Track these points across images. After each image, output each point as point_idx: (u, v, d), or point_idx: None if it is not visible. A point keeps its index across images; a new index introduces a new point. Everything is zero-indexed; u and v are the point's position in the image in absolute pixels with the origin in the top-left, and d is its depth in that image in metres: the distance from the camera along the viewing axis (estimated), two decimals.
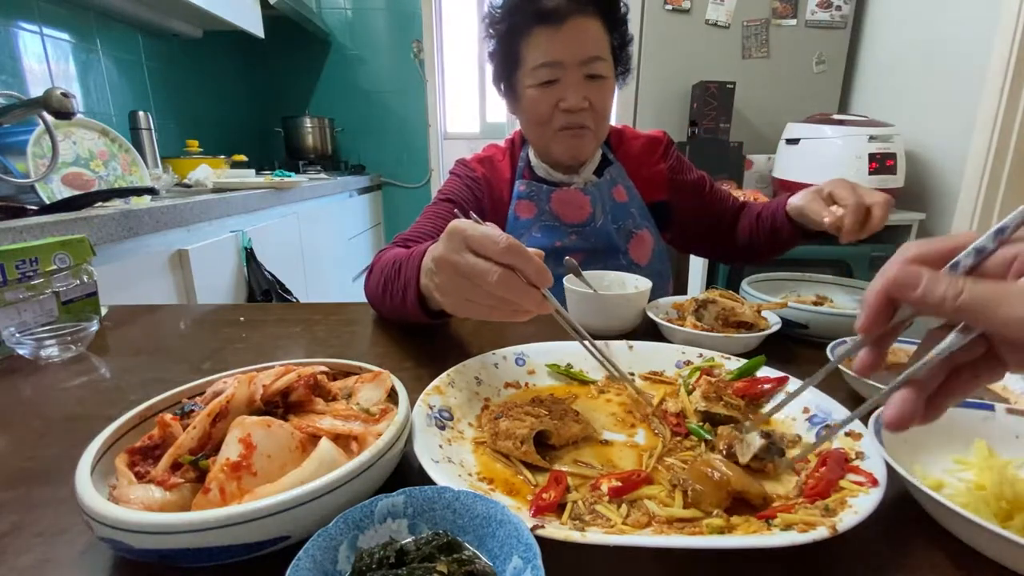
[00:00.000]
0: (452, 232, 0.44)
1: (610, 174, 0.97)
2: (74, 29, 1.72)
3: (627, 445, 0.44)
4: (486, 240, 0.42)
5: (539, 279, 0.42)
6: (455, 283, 0.45)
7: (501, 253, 0.41)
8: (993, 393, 0.51)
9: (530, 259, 0.42)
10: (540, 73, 0.84)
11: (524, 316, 0.45)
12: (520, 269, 0.42)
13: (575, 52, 0.82)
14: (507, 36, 0.86)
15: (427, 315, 0.60)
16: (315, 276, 2.14)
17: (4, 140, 1.18)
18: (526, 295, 0.42)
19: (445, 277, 0.45)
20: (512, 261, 0.42)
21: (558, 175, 0.96)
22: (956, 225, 1.77)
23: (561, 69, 0.83)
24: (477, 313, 0.45)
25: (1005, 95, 1.59)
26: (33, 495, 0.38)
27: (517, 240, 0.42)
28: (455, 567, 0.27)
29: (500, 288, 0.41)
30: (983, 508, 0.34)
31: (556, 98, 0.85)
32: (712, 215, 1.03)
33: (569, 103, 0.84)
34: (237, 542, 0.28)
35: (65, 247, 0.68)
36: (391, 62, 3.06)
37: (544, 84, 0.84)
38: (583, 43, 0.82)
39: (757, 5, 2.09)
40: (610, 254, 0.95)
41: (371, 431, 0.37)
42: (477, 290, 0.43)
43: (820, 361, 0.54)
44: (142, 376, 0.58)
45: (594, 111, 0.86)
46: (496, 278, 0.41)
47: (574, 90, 0.83)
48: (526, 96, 0.87)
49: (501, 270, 0.41)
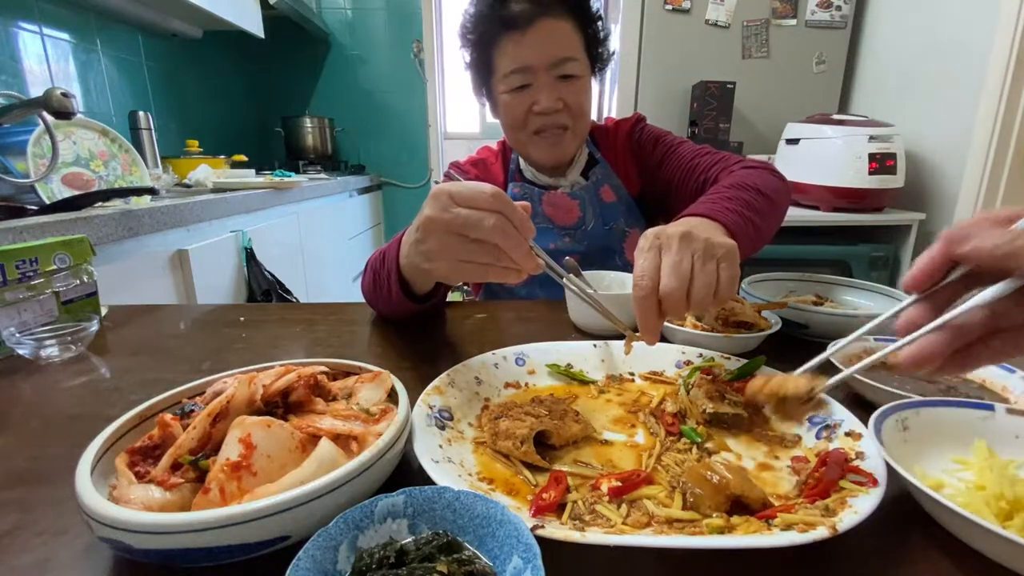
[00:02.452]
0: (436, 193, 0.44)
1: (596, 175, 0.96)
2: (74, 29, 1.72)
3: (627, 445, 0.44)
4: (473, 191, 0.42)
5: (524, 228, 0.43)
6: (447, 243, 0.44)
7: (490, 200, 0.42)
8: (993, 393, 0.51)
9: (515, 208, 0.43)
10: (512, 79, 0.84)
11: (516, 276, 0.45)
12: (508, 217, 0.42)
13: (543, 55, 0.82)
14: (479, 45, 0.87)
15: (411, 299, 0.60)
16: (315, 276, 2.14)
17: (4, 140, 1.18)
18: (516, 243, 0.43)
19: (435, 240, 0.45)
20: (500, 207, 0.42)
21: (544, 178, 0.95)
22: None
23: (531, 73, 0.83)
24: (472, 273, 0.45)
25: (1005, 95, 1.59)
26: (33, 495, 0.38)
27: (500, 189, 0.43)
28: (455, 567, 0.27)
29: (496, 234, 0.42)
30: (983, 508, 0.34)
31: (529, 102, 0.85)
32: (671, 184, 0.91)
33: (542, 106, 0.84)
34: (237, 542, 0.28)
35: (65, 247, 0.68)
36: (391, 62, 3.06)
37: (516, 89, 0.84)
38: (550, 46, 0.82)
39: (757, 5, 2.09)
40: (605, 255, 0.95)
41: (371, 431, 0.37)
42: (470, 246, 0.43)
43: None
44: (142, 376, 0.58)
45: (570, 110, 0.86)
46: (492, 222, 0.41)
47: (547, 93, 0.83)
48: (501, 102, 0.88)
49: (495, 216, 0.42)
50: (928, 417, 0.41)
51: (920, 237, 1.87)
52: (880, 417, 0.39)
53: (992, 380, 0.52)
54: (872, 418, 0.39)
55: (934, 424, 0.41)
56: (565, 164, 0.95)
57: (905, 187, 1.80)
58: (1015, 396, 0.49)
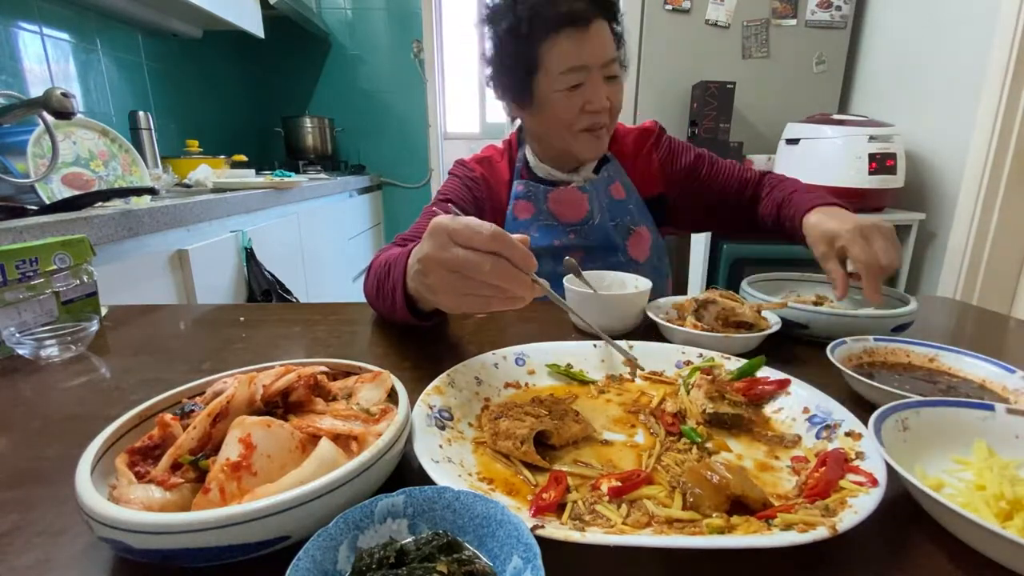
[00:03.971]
0: (435, 230, 0.44)
1: (608, 171, 0.97)
2: (74, 29, 1.72)
3: (627, 445, 0.44)
4: (471, 231, 0.42)
5: (525, 264, 0.43)
6: (447, 281, 0.45)
7: (487, 242, 0.42)
8: (993, 393, 0.51)
9: (515, 245, 0.43)
10: (568, 77, 0.83)
11: (520, 304, 0.45)
12: (507, 256, 0.42)
13: (599, 55, 0.83)
14: (524, 40, 0.84)
15: (417, 317, 0.60)
16: (315, 276, 2.14)
17: (4, 140, 1.18)
18: (517, 281, 0.43)
19: (436, 277, 0.46)
20: (499, 248, 0.42)
21: (559, 174, 0.95)
22: (956, 225, 1.77)
23: (586, 72, 0.83)
24: (474, 306, 0.46)
25: (1005, 95, 1.59)
26: (33, 495, 0.38)
27: (500, 228, 0.42)
28: (455, 567, 0.27)
29: (494, 276, 0.42)
30: (983, 508, 0.34)
31: (582, 100, 0.85)
32: (714, 193, 1.00)
33: (596, 105, 0.84)
34: (237, 542, 0.28)
35: (65, 247, 0.68)
36: (391, 62, 3.06)
37: (571, 88, 0.84)
38: (605, 45, 0.83)
39: (757, 5, 2.09)
40: (608, 251, 0.95)
41: (371, 431, 0.37)
42: (471, 282, 0.43)
43: (820, 361, 0.54)
44: (142, 376, 0.58)
45: (612, 110, 0.87)
46: (490, 267, 0.42)
47: (600, 92, 0.84)
48: (551, 100, 0.86)
49: (493, 258, 0.42)
50: (928, 417, 0.41)
51: (920, 237, 1.87)
52: (880, 417, 0.39)
53: (992, 380, 0.52)
54: (872, 418, 0.39)
55: (934, 424, 0.41)
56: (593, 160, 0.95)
57: (905, 187, 1.80)
58: (1015, 396, 0.49)
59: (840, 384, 0.53)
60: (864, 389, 0.50)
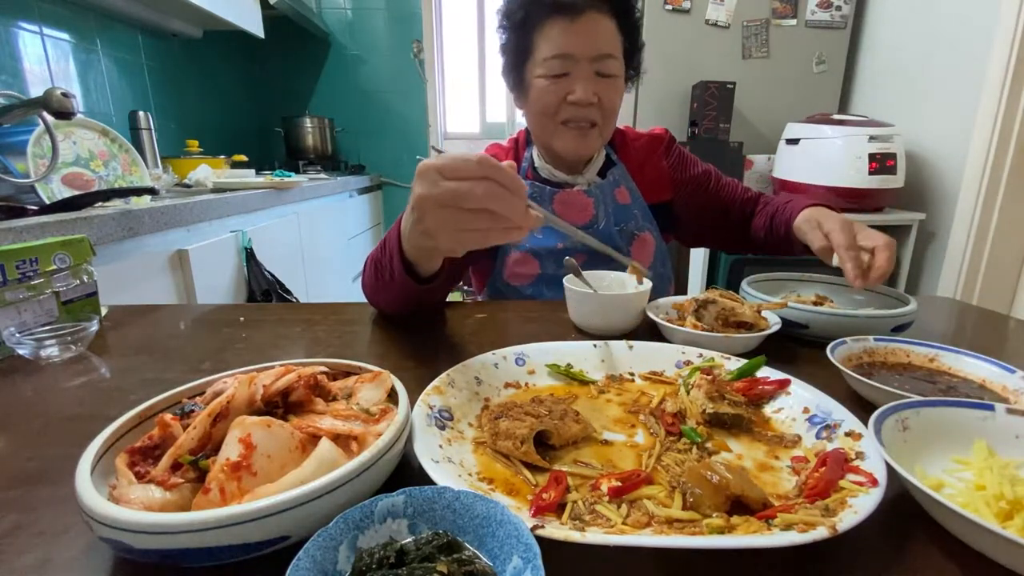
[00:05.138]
0: (423, 171, 0.45)
1: (613, 175, 0.97)
2: (74, 29, 1.72)
3: (627, 445, 0.44)
4: (457, 163, 0.43)
5: (515, 186, 0.44)
6: (442, 218, 0.45)
7: (475, 169, 0.43)
8: (993, 393, 0.51)
9: (502, 169, 0.44)
10: (552, 65, 0.83)
11: (518, 234, 0.46)
12: (496, 179, 0.43)
13: (587, 46, 0.82)
14: (520, 26, 0.86)
15: (417, 281, 0.60)
16: (315, 276, 2.14)
17: (4, 140, 1.18)
18: (510, 204, 0.44)
19: (431, 216, 0.46)
20: (487, 173, 0.43)
21: (561, 175, 0.95)
22: (956, 225, 1.77)
23: (572, 62, 0.83)
24: (473, 240, 0.46)
25: (1005, 95, 1.59)
26: (33, 495, 0.38)
27: (485, 155, 0.43)
28: (455, 567, 0.27)
29: (487, 200, 0.43)
30: (983, 508, 0.34)
31: (565, 91, 0.84)
32: (718, 208, 1.02)
33: (577, 96, 0.83)
34: (237, 542, 0.28)
35: (65, 247, 0.68)
36: (391, 62, 3.07)
37: (554, 76, 0.84)
38: (596, 38, 0.82)
39: (757, 5, 2.09)
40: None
41: (371, 431, 0.37)
42: (466, 215, 0.44)
43: (820, 361, 0.54)
44: (142, 376, 0.58)
45: (602, 108, 0.86)
46: (482, 191, 0.42)
47: (584, 85, 0.83)
48: (534, 86, 0.86)
49: (484, 183, 0.42)
50: (928, 417, 0.41)
51: (920, 237, 1.87)
52: (880, 417, 0.39)
53: (992, 380, 0.52)
54: (872, 418, 0.39)
55: (934, 424, 0.41)
56: (584, 161, 0.95)
57: (905, 187, 1.80)
58: (1015, 396, 0.49)
59: (840, 384, 0.53)
60: (864, 389, 0.50)
